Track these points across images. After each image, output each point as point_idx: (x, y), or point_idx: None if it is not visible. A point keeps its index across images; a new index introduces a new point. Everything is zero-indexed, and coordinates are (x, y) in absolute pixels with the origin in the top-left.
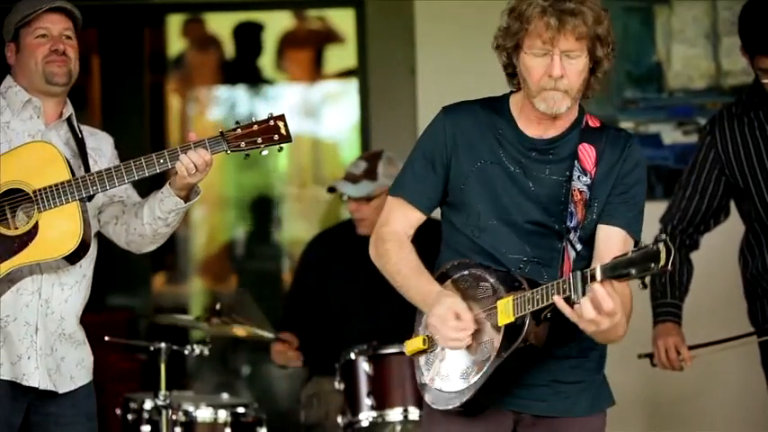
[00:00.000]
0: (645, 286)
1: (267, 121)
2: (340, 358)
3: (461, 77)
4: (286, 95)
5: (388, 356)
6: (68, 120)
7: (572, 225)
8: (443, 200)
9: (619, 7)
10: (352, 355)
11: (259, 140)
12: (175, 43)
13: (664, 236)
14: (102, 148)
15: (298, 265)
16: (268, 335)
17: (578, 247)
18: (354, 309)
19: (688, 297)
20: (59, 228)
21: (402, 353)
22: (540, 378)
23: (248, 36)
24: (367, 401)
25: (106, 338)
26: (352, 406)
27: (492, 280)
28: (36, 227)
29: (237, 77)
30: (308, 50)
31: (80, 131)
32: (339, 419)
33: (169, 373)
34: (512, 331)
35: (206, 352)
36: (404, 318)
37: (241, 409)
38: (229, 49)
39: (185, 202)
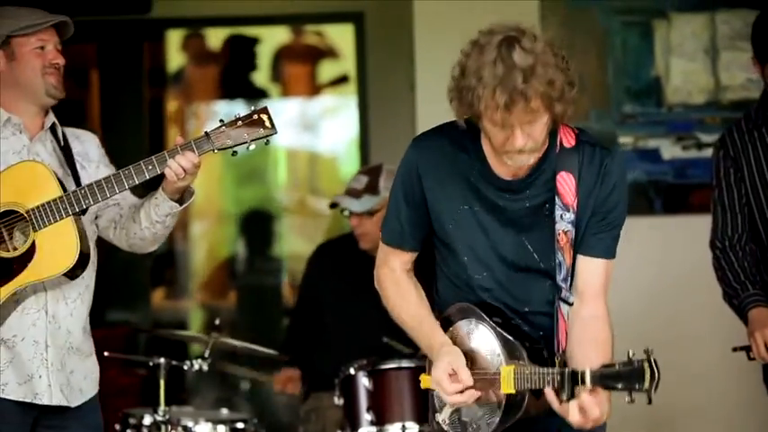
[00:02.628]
0: (632, 401)
1: (251, 115)
2: (339, 373)
3: None
4: (284, 109)
5: (387, 371)
6: (52, 128)
7: (562, 276)
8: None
9: (618, 22)
10: (352, 371)
11: (245, 136)
12: (175, 58)
13: (649, 354)
14: (88, 152)
15: (302, 279)
16: (268, 351)
17: (571, 300)
18: (354, 323)
19: (687, 310)
20: (56, 245)
21: (401, 368)
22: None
23: (242, 50)
24: (366, 416)
25: (105, 354)
26: (352, 421)
27: (496, 344)
28: (33, 246)
29: (236, 92)
30: (305, 65)
31: (64, 139)
32: None
33: (168, 388)
34: (514, 401)
35: (205, 367)
36: (403, 333)
37: (240, 425)
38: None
39: (180, 205)
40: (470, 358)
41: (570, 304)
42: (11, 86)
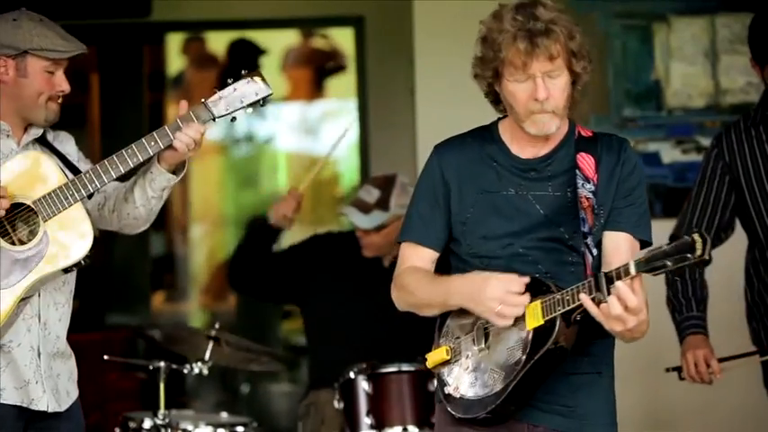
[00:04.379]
0: (680, 279)
1: (244, 78)
2: (339, 377)
3: (461, 97)
4: (285, 114)
5: (387, 375)
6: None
7: (586, 230)
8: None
9: (618, 25)
10: (352, 374)
11: (242, 101)
12: (175, 61)
13: (696, 229)
14: (69, 153)
15: (292, 247)
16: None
17: (594, 252)
18: (353, 322)
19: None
20: (70, 232)
21: (401, 371)
22: (556, 392)
23: (244, 56)
24: (366, 420)
25: (105, 357)
26: (352, 425)
27: None
28: (45, 236)
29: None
30: (309, 69)
31: (50, 144)
32: None
33: (168, 391)
34: (541, 334)
35: (205, 371)
36: (403, 337)
37: (240, 428)
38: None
39: (176, 176)
40: None
41: (593, 256)
42: (10, 99)
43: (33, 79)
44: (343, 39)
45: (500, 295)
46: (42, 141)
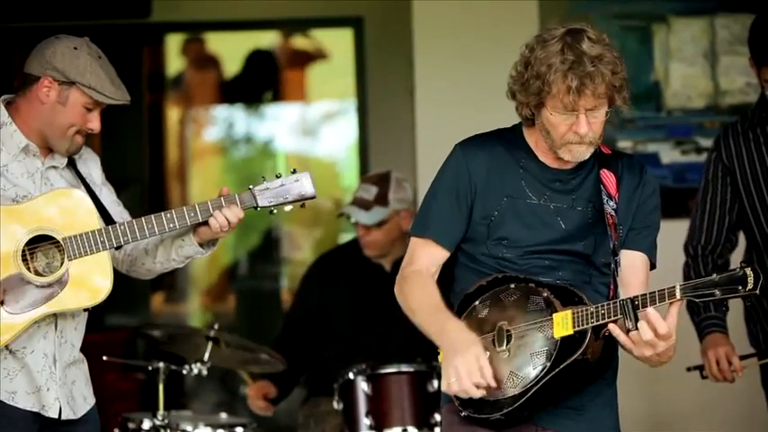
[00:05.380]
0: (726, 309)
1: (293, 178)
2: (338, 378)
3: (460, 97)
4: (284, 114)
5: (386, 376)
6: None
7: (612, 246)
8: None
9: (617, 26)
10: (351, 375)
11: (286, 196)
12: (174, 62)
13: (745, 263)
14: (92, 174)
15: (299, 287)
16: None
17: (619, 269)
18: (355, 330)
19: (686, 314)
20: (91, 277)
21: (401, 372)
22: (565, 396)
23: (260, 63)
24: (365, 421)
25: (104, 358)
26: (351, 426)
27: (546, 294)
28: (66, 275)
29: (236, 97)
30: (302, 70)
31: (74, 162)
32: None
33: (167, 392)
34: (568, 344)
35: (204, 372)
36: (403, 338)
37: (239, 429)
38: (228, 68)
39: (204, 250)
40: (510, 317)
41: (618, 272)
42: (43, 120)
43: (70, 110)
44: (342, 39)
45: (464, 370)
46: (69, 162)
